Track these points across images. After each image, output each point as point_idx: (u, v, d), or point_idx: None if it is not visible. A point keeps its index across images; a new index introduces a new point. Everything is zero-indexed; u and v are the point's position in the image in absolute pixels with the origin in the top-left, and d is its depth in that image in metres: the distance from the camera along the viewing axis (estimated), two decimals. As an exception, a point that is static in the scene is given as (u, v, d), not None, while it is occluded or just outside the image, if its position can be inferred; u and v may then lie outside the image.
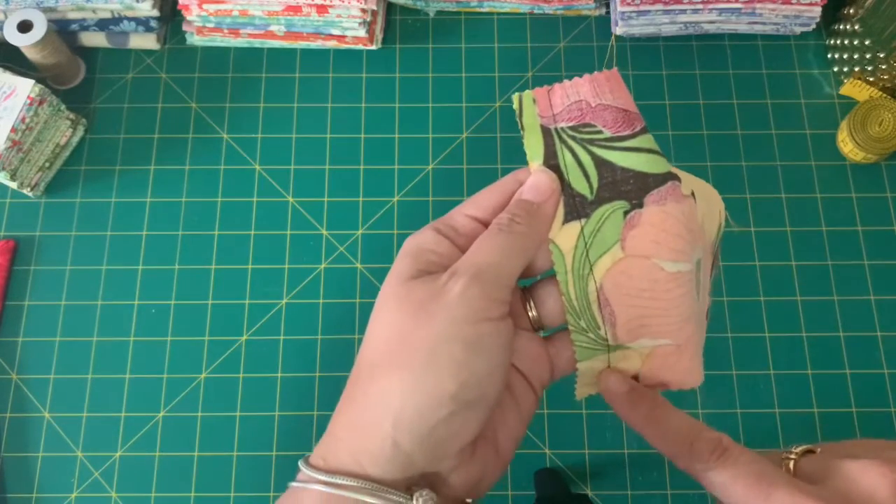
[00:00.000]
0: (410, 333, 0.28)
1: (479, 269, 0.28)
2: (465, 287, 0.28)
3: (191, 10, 0.76)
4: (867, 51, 0.73)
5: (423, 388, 0.27)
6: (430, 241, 0.30)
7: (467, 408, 0.27)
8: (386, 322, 0.29)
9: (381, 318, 0.29)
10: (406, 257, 0.30)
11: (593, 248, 0.31)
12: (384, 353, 0.28)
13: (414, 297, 0.28)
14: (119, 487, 0.66)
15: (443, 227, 0.31)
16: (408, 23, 0.82)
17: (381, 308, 0.30)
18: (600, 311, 0.31)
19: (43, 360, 0.70)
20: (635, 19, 0.77)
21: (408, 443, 0.27)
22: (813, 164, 0.75)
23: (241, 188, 0.75)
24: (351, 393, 0.29)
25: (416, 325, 0.28)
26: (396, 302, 0.29)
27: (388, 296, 0.29)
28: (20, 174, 0.72)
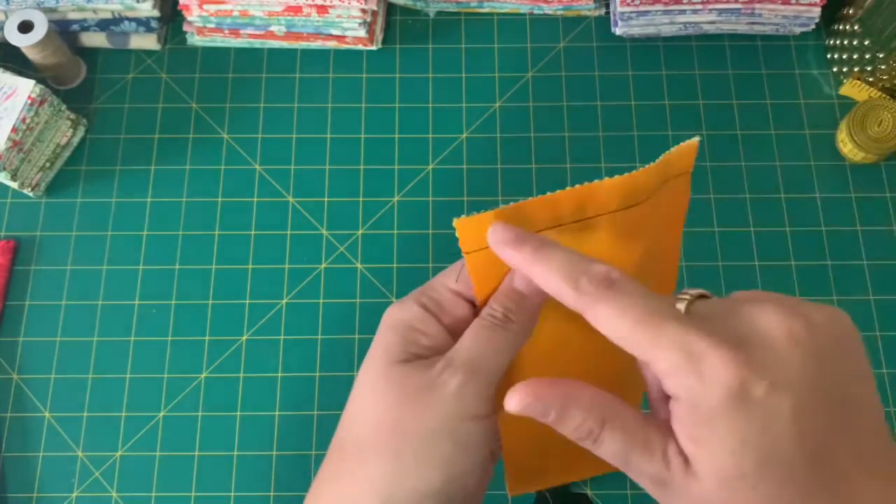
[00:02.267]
0: (403, 422, 0.28)
1: (474, 365, 0.28)
2: (462, 384, 0.28)
3: (191, 11, 0.76)
4: (866, 51, 0.73)
5: (410, 479, 0.27)
6: (417, 318, 0.30)
7: (449, 501, 0.28)
8: (376, 404, 0.29)
9: (370, 400, 0.29)
10: (393, 334, 0.30)
11: None
12: (374, 436, 0.28)
13: (407, 383, 0.28)
14: (119, 487, 0.66)
15: (428, 303, 0.30)
16: (408, 23, 0.82)
17: (369, 386, 0.29)
18: None
19: (43, 360, 0.70)
20: (635, 20, 0.77)
21: None
22: (812, 164, 0.75)
23: (242, 188, 0.75)
24: (336, 470, 0.29)
25: (408, 414, 0.28)
26: (387, 385, 0.29)
27: (378, 375, 0.29)
28: (21, 174, 0.72)
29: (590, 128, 0.77)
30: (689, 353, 0.23)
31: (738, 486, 0.23)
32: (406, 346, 0.29)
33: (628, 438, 0.25)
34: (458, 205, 0.74)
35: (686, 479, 0.24)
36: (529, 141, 0.76)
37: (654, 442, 0.25)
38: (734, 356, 0.23)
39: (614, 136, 0.76)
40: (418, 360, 0.29)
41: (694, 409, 0.24)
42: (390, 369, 0.29)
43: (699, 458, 0.24)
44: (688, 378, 0.23)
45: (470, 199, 0.74)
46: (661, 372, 0.24)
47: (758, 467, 0.23)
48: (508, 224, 0.28)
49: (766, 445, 0.23)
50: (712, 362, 0.23)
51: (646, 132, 0.76)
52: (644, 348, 0.24)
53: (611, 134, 0.76)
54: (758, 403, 0.23)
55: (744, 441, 0.23)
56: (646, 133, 0.76)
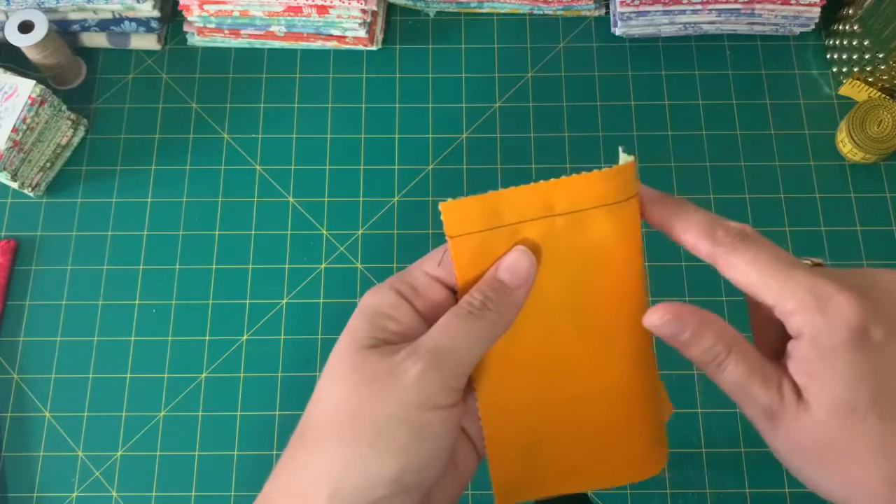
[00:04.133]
0: (359, 408, 0.27)
1: (440, 354, 0.27)
2: (422, 372, 0.27)
3: (191, 11, 0.76)
4: (866, 51, 0.73)
5: (363, 466, 0.26)
6: (389, 303, 0.29)
7: (404, 491, 0.27)
8: (336, 389, 0.28)
9: (331, 385, 0.28)
10: (362, 319, 0.29)
11: None
12: (330, 421, 0.28)
13: (368, 369, 0.27)
14: (120, 487, 0.66)
15: (403, 288, 0.29)
16: (408, 23, 0.82)
17: (331, 372, 0.29)
18: None
19: (44, 360, 0.70)
20: (635, 20, 0.77)
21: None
22: (812, 164, 0.75)
23: (242, 188, 0.75)
24: (292, 455, 0.28)
25: (365, 400, 0.27)
26: (349, 371, 0.28)
27: (342, 361, 0.28)
28: (21, 174, 0.72)
29: (590, 128, 0.77)
30: (817, 294, 0.26)
31: (849, 419, 0.25)
32: (373, 331, 0.28)
33: (749, 368, 0.27)
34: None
35: (797, 411, 0.26)
36: (529, 141, 0.76)
37: (771, 374, 0.27)
38: (859, 300, 0.25)
39: (614, 137, 0.76)
40: (386, 345, 0.28)
41: (815, 345, 0.26)
42: (354, 354, 0.28)
43: (814, 390, 0.26)
44: (814, 316, 0.25)
45: (470, 199, 0.74)
46: (787, 312, 0.26)
47: (869, 402, 0.25)
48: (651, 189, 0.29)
49: (879, 383, 0.25)
50: (838, 302, 0.25)
51: (646, 132, 0.76)
52: (774, 291, 0.26)
53: (611, 134, 0.76)
54: (875, 345, 0.25)
55: (859, 377, 0.25)
56: (645, 133, 0.76)
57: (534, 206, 0.29)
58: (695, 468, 0.65)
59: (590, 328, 0.30)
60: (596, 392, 0.31)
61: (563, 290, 0.29)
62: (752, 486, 0.65)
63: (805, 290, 0.26)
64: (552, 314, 0.30)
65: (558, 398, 0.31)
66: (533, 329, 0.30)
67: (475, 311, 0.28)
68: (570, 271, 0.29)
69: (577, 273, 0.29)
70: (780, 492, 0.65)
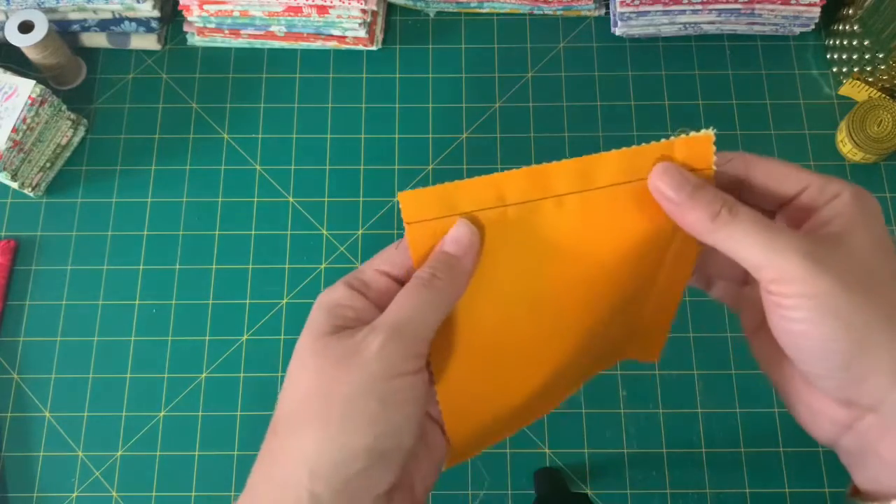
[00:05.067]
0: (327, 388, 0.28)
1: (397, 324, 0.29)
2: (383, 343, 0.28)
3: (192, 11, 0.76)
4: (866, 51, 0.73)
5: (338, 441, 0.27)
6: (343, 296, 0.30)
7: (382, 459, 0.28)
8: (303, 377, 0.30)
9: (297, 374, 0.30)
10: (320, 312, 0.30)
11: None
12: (301, 407, 0.29)
13: (331, 352, 0.29)
14: (120, 487, 0.66)
15: (355, 282, 0.31)
16: (408, 23, 0.82)
17: (297, 363, 0.30)
18: None
19: (44, 360, 0.70)
20: (635, 20, 0.77)
21: (325, 494, 0.27)
22: (812, 164, 0.75)
23: (242, 188, 0.75)
24: (269, 446, 0.30)
25: (333, 380, 0.28)
26: (313, 357, 0.29)
27: (305, 351, 0.30)
28: (21, 174, 0.72)
29: (590, 128, 0.77)
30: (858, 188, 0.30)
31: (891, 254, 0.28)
32: (332, 319, 0.30)
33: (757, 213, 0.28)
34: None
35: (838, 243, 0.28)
36: (529, 141, 0.76)
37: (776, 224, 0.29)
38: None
39: (614, 137, 0.76)
40: (345, 330, 0.29)
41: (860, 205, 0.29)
42: (316, 342, 0.29)
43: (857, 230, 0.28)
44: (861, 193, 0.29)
45: (470, 199, 0.74)
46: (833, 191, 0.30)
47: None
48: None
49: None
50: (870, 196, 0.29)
51: (646, 132, 0.76)
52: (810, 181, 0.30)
53: (611, 134, 0.76)
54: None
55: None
56: (646, 133, 0.76)
57: (488, 196, 0.30)
58: (695, 468, 0.65)
59: (541, 312, 0.32)
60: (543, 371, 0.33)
61: (516, 274, 0.31)
62: (752, 486, 0.65)
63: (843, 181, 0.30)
64: (502, 294, 0.31)
65: (509, 376, 0.33)
66: (484, 310, 0.32)
67: (425, 282, 0.30)
68: (522, 257, 0.31)
69: (529, 260, 0.31)
70: (781, 492, 0.65)
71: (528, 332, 0.32)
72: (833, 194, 0.29)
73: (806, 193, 0.30)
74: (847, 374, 0.27)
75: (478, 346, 0.32)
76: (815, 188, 0.30)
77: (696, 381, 0.68)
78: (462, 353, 0.32)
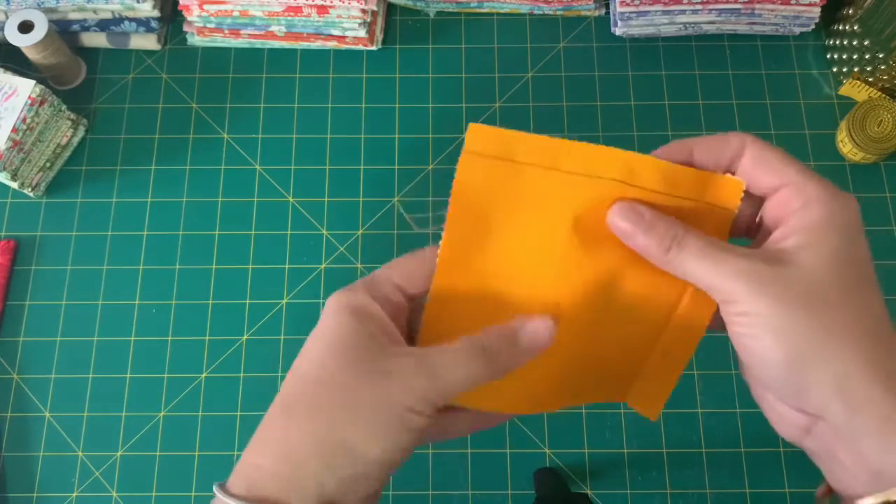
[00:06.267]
0: (359, 394, 0.31)
1: (444, 385, 0.31)
2: (426, 390, 0.31)
3: (191, 11, 0.76)
4: (866, 51, 0.73)
5: (359, 445, 0.30)
6: (368, 304, 0.33)
7: (380, 469, 0.31)
8: (336, 373, 0.31)
9: (324, 355, 0.32)
10: (350, 317, 0.32)
11: None
12: (327, 400, 0.31)
13: (368, 357, 0.31)
14: (120, 487, 0.66)
15: (376, 293, 0.33)
16: (408, 23, 0.82)
17: (326, 342, 0.33)
18: None
19: (44, 360, 0.70)
20: (635, 20, 0.77)
21: (332, 487, 0.30)
22: (812, 164, 0.75)
23: (242, 188, 0.75)
24: (285, 426, 0.32)
25: (366, 387, 0.31)
26: (349, 362, 0.31)
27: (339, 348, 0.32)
28: (21, 174, 0.72)
29: (590, 128, 0.77)
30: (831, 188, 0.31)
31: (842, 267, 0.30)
32: (364, 328, 0.32)
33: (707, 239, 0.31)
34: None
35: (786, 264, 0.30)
36: (529, 141, 0.76)
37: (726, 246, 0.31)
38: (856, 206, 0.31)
39: (614, 137, 0.76)
40: (371, 339, 0.32)
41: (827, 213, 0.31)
42: (353, 349, 0.32)
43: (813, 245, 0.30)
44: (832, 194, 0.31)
45: (470, 199, 0.74)
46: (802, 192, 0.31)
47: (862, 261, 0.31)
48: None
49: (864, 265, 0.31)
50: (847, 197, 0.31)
51: (646, 132, 0.76)
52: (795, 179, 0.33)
53: (611, 134, 0.76)
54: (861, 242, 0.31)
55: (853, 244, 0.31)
56: (646, 133, 0.76)
57: (546, 157, 0.32)
58: (695, 468, 0.65)
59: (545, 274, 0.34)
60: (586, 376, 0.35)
61: (541, 231, 0.33)
62: (752, 486, 0.65)
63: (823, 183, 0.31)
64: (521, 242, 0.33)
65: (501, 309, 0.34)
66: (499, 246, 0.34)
67: (488, 358, 0.32)
68: (553, 220, 0.33)
69: (558, 225, 0.33)
70: (780, 492, 0.65)
71: (529, 284, 0.34)
72: (804, 201, 0.31)
73: (784, 192, 0.32)
74: (790, 386, 0.30)
75: (480, 275, 0.34)
76: (793, 188, 0.32)
77: (696, 381, 0.68)
78: (466, 276, 0.34)
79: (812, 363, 0.29)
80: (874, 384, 0.29)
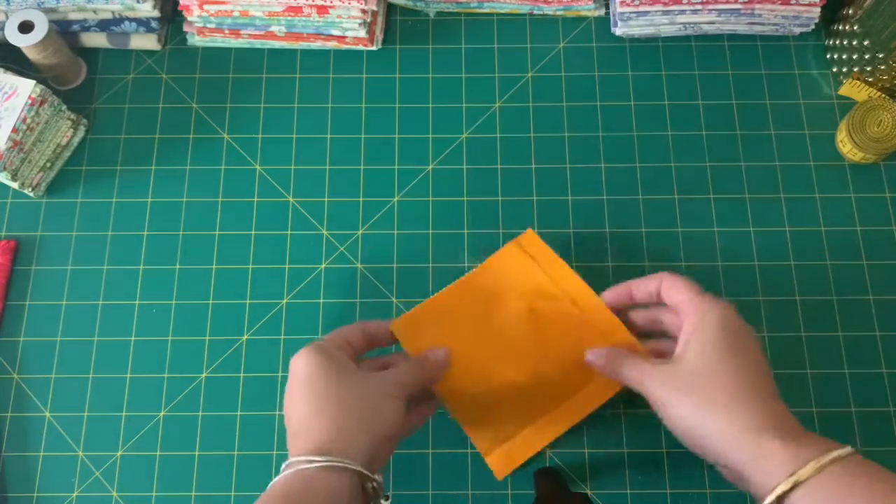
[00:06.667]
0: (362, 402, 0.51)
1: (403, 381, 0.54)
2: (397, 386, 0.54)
3: (192, 11, 0.76)
4: (866, 51, 0.73)
5: (382, 411, 0.51)
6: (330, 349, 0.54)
7: (390, 442, 0.52)
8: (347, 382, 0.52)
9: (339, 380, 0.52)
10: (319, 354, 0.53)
11: None
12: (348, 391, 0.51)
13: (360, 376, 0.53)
14: (120, 487, 0.66)
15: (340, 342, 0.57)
16: (408, 23, 0.82)
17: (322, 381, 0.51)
18: None
19: (44, 360, 0.70)
20: (634, 20, 0.77)
21: (372, 448, 0.50)
22: (812, 164, 0.75)
23: (242, 188, 0.75)
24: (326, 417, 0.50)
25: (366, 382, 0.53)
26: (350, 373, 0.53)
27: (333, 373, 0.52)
28: (21, 174, 0.72)
29: (590, 128, 0.77)
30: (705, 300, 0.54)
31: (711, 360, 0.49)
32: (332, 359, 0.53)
33: (640, 362, 0.54)
34: (458, 205, 0.74)
35: (677, 363, 0.51)
36: (529, 141, 0.76)
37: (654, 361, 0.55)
38: (726, 308, 0.53)
39: (614, 137, 0.76)
40: (343, 364, 0.53)
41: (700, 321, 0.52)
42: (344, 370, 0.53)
43: (692, 344, 0.51)
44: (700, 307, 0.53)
45: (470, 199, 0.74)
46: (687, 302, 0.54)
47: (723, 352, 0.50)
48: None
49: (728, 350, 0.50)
50: (716, 305, 0.53)
51: (646, 132, 0.76)
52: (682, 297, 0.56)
53: (610, 134, 0.76)
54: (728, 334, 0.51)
55: (719, 340, 0.50)
56: (646, 133, 0.76)
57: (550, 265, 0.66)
58: (695, 468, 0.65)
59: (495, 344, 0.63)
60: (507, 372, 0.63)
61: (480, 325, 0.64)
62: (752, 486, 0.65)
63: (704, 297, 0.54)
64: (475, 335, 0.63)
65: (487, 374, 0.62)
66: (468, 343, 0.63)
67: (421, 367, 0.58)
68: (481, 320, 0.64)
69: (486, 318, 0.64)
70: (780, 492, 0.65)
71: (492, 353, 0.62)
72: (692, 312, 0.53)
73: (682, 306, 0.54)
74: (695, 442, 0.49)
75: (464, 360, 0.62)
76: (688, 303, 0.54)
77: (696, 381, 0.68)
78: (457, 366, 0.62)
79: (706, 426, 0.47)
80: (747, 434, 0.45)
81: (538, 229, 0.69)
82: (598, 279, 0.70)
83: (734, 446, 0.46)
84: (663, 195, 0.74)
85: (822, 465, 0.42)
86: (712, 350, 0.49)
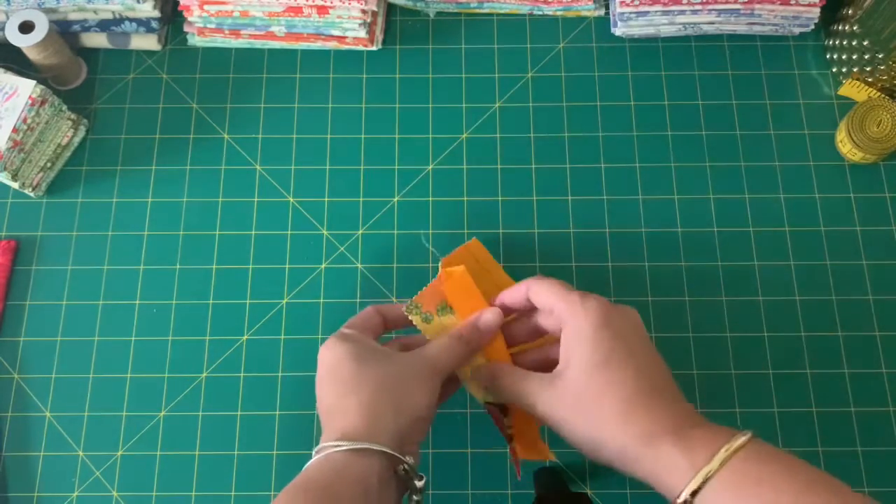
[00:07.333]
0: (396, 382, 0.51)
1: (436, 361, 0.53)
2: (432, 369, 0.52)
3: (192, 11, 0.76)
4: (866, 51, 0.73)
5: (413, 396, 0.50)
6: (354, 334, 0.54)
7: (428, 412, 0.51)
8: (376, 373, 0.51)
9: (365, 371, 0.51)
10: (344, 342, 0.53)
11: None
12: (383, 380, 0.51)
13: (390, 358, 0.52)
14: (120, 487, 0.66)
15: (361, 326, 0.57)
16: (408, 24, 0.82)
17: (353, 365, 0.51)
18: None
19: (44, 360, 0.70)
20: (634, 20, 0.77)
21: (403, 426, 0.49)
22: (811, 164, 0.75)
23: (242, 188, 0.75)
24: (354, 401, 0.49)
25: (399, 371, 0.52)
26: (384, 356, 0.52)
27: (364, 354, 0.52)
28: (22, 174, 0.72)
29: (589, 128, 0.77)
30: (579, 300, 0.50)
31: (593, 371, 0.47)
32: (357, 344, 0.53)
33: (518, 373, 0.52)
34: (458, 205, 0.74)
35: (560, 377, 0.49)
36: (529, 141, 0.76)
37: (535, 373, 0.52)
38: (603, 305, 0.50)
39: (614, 137, 0.76)
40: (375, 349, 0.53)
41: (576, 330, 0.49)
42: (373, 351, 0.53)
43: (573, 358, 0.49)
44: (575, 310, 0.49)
45: (470, 199, 0.74)
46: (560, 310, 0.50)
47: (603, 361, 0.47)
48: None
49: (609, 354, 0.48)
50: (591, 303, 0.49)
51: (645, 132, 0.76)
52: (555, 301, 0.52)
53: (610, 134, 0.76)
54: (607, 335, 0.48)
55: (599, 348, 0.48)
56: (645, 133, 0.76)
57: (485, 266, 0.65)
58: (695, 468, 0.65)
59: None
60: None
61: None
62: (752, 485, 0.65)
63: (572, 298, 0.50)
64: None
65: None
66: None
67: (460, 339, 0.54)
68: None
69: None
70: (780, 491, 0.65)
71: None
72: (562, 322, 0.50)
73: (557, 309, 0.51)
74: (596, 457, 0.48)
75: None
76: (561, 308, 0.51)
77: (697, 382, 0.68)
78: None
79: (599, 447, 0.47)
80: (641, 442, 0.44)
81: (538, 229, 0.69)
82: (598, 279, 0.71)
83: (633, 457, 0.45)
84: (663, 195, 0.74)
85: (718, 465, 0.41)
86: (593, 363, 0.47)
